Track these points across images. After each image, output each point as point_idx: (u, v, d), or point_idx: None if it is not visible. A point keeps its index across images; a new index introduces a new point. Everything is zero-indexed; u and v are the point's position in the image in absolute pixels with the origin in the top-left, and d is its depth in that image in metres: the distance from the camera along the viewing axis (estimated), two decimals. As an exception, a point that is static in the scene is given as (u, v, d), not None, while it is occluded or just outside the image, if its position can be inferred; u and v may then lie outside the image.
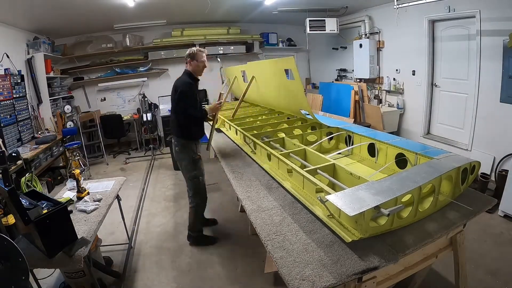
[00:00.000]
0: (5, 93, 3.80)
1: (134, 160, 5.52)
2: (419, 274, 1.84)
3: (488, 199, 1.57)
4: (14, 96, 3.98)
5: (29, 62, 4.56)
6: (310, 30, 5.36)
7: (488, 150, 3.59)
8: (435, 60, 4.24)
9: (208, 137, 2.66)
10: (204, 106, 2.58)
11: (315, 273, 1.07)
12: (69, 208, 1.87)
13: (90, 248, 1.66)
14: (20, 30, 4.53)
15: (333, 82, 6.37)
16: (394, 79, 5.00)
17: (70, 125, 4.96)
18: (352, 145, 2.28)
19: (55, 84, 5.21)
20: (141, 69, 6.08)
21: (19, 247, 1.25)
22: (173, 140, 2.55)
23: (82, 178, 2.21)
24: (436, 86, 4.34)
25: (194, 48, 2.51)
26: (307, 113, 2.79)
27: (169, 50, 6.09)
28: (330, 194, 1.31)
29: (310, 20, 5.32)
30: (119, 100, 6.31)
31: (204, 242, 2.73)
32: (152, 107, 6.05)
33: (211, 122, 2.64)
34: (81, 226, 1.75)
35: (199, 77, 2.55)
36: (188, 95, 2.30)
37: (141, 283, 2.31)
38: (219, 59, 6.37)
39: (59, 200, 1.78)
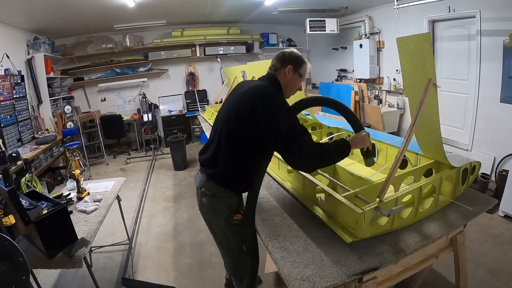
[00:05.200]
0: (5, 93, 3.80)
1: (134, 160, 5.52)
2: (420, 275, 1.84)
3: (489, 199, 1.57)
4: (14, 96, 3.98)
5: (29, 62, 4.56)
6: (310, 30, 5.36)
7: (488, 150, 3.58)
8: (435, 60, 4.24)
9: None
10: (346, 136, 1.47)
11: (316, 273, 1.06)
12: (69, 209, 1.87)
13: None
14: (20, 30, 4.53)
15: (333, 82, 6.38)
16: (394, 79, 5.00)
17: (70, 126, 4.96)
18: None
19: (55, 84, 5.21)
20: (141, 69, 6.08)
21: (20, 247, 1.24)
22: (199, 183, 1.47)
23: (82, 178, 2.21)
24: (436, 86, 4.34)
25: (296, 51, 1.48)
26: (307, 113, 2.79)
27: (169, 51, 6.11)
28: (330, 194, 1.31)
29: (310, 21, 5.32)
30: (119, 100, 6.31)
31: None
32: (152, 108, 6.06)
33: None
34: (81, 227, 1.74)
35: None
36: (296, 122, 1.31)
37: (141, 283, 2.30)
38: (219, 60, 6.38)
39: (50, 197, 1.78)
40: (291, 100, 1.47)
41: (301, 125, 1.31)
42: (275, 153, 1.83)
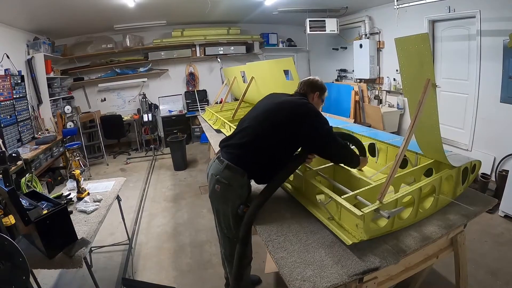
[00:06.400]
0: (5, 94, 3.80)
1: (134, 160, 5.52)
2: (420, 274, 1.84)
3: (489, 199, 1.57)
4: (14, 96, 3.98)
5: (29, 63, 4.55)
6: (310, 31, 5.37)
7: (488, 150, 3.59)
8: (435, 60, 4.24)
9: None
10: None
11: (316, 273, 1.06)
12: (69, 209, 1.87)
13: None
14: (20, 30, 4.53)
15: (333, 82, 6.38)
16: (394, 79, 5.00)
17: (70, 126, 4.96)
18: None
19: (55, 84, 5.20)
20: (141, 69, 6.08)
21: (20, 247, 1.24)
22: (214, 171, 1.56)
23: (82, 178, 2.21)
24: (436, 86, 4.34)
25: (320, 80, 1.79)
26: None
27: (169, 51, 6.10)
28: (330, 196, 1.31)
29: (310, 21, 5.32)
30: (119, 100, 6.31)
31: None
32: (152, 108, 6.06)
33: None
34: (81, 227, 1.74)
35: None
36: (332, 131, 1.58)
37: (141, 283, 2.30)
38: (219, 60, 6.38)
39: (50, 197, 1.78)
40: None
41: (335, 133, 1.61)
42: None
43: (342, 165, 1.68)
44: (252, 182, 1.61)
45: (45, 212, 1.51)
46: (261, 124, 1.55)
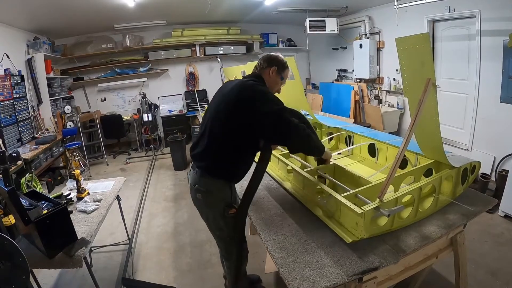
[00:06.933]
0: (5, 93, 3.80)
1: (134, 160, 5.52)
2: (420, 274, 1.84)
3: (489, 199, 1.57)
4: (14, 96, 3.98)
5: (29, 62, 4.55)
6: (310, 30, 5.36)
7: (488, 150, 3.59)
8: (435, 60, 4.24)
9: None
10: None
11: (316, 273, 1.07)
12: (69, 209, 1.87)
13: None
14: (20, 30, 4.53)
15: (333, 82, 6.37)
16: (394, 79, 5.00)
17: (70, 125, 4.96)
18: (352, 145, 2.28)
19: (55, 84, 5.20)
20: (141, 69, 6.08)
21: (20, 247, 1.24)
22: (192, 180, 1.54)
23: (82, 178, 2.21)
24: (436, 86, 4.34)
25: (281, 56, 1.61)
26: (307, 113, 2.79)
27: (169, 50, 6.11)
28: (330, 194, 1.31)
29: (310, 20, 5.32)
30: (119, 100, 6.31)
31: None
32: (152, 107, 6.06)
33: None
34: (81, 227, 1.74)
35: None
36: (284, 107, 1.37)
37: (141, 283, 2.30)
38: (219, 59, 6.37)
39: (50, 197, 1.78)
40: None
41: (289, 110, 1.41)
42: (274, 152, 1.83)
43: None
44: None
45: (45, 212, 1.51)
46: (212, 125, 1.46)
